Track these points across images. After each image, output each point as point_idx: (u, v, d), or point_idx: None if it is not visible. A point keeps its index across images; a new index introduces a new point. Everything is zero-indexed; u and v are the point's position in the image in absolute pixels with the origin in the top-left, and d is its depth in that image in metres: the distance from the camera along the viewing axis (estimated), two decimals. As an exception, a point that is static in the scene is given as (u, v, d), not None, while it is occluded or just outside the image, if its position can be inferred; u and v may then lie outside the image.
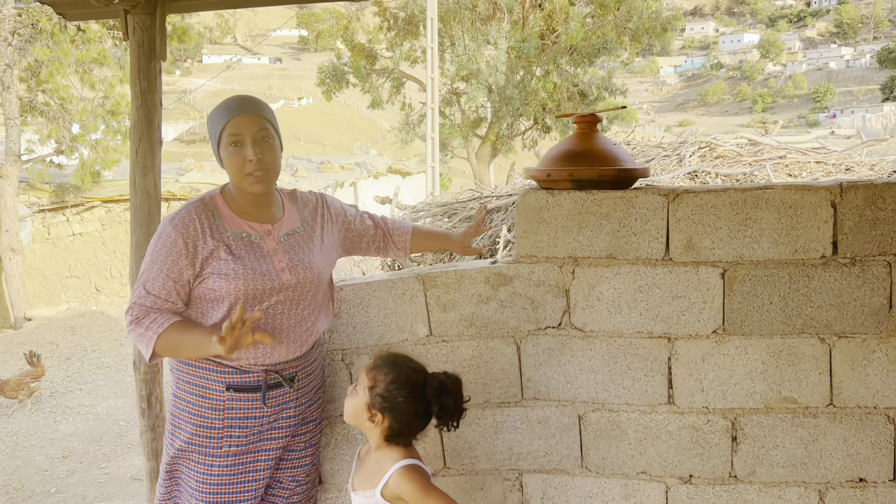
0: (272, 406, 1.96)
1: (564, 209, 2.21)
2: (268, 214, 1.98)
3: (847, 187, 2.08)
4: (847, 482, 2.18)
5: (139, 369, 2.66)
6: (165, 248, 1.83)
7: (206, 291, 1.86)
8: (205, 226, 1.87)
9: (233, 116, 1.85)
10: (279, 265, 1.91)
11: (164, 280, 1.83)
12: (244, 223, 1.93)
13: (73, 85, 10.76)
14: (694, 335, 2.19)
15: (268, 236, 1.94)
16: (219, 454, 1.94)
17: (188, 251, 1.83)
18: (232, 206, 1.94)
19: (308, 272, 1.96)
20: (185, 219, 1.86)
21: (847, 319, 2.11)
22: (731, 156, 5.98)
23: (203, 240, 1.85)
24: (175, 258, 1.82)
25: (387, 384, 1.79)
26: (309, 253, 2.00)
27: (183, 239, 1.83)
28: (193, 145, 43.57)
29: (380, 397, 1.78)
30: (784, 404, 2.18)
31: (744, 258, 2.14)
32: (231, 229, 1.90)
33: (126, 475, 5.00)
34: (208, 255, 1.84)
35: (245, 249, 1.89)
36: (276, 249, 1.93)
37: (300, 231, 2.03)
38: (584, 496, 2.31)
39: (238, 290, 1.84)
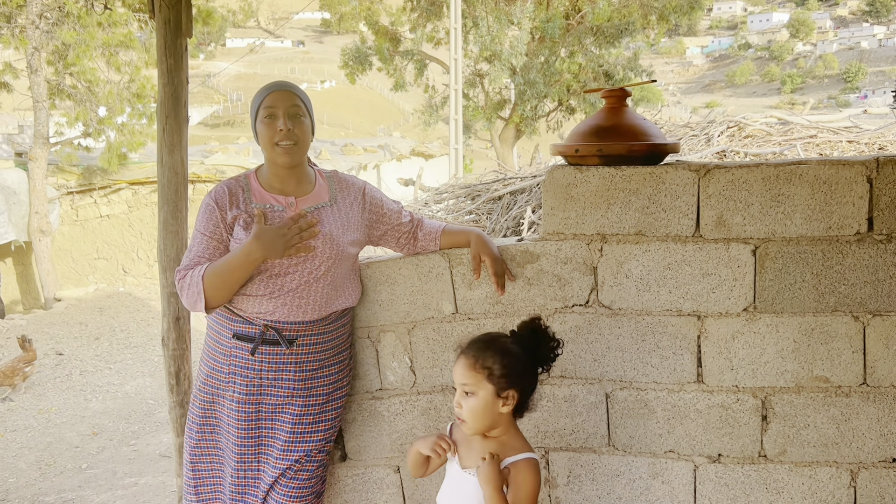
0: (264, 361, 2.07)
1: (592, 185, 2.18)
2: (295, 188, 2.13)
3: (884, 162, 2.03)
4: (880, 462, 2.14)
5: (168, 346, 2.68)
6: (206, 215, 2.08)
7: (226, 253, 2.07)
8: (234, 197, 2.09)
9: (270, 92, 2.07)
10: None
11: (206, 241, 2.06)
12: (269, 196, 2.10)
13: (99, 68, 10.84)
14: (724, 313, 2.16)
15: (289, 208, 2.09)
16: (226, 397, 2.11)
17: (222, 215, 2.07)
18: (262, 181, 2.13)
19: (324, 244, 2.07)
20: (219, 191, 2.10)
21: (882, 297, 2.07)
22: (761, 135, 5.89)
23: (231, 208, 2.07)
24: (214, 221, 2.06)
25: (500, 363, 1.77)
26: (329, 226, 2.10)
27: (217, 204, 2.07)
28: (218, 129, 43.84)
29: (503, 377, 1.76)
30: (816, 383, 2.14)
31: (776, 235, 2.10)
32: (257, 201, 2.09)
33: (155, 452, 5.08)
34: (232, 222, 2.06)
35: (266, 220, 2.04)
36: None
37: (327, 205, 2.14)
38: (610, 474, 2.30)
39: None
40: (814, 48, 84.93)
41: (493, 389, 1.76)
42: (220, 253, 2.06)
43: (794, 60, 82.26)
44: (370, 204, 2.23)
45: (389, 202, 2.28)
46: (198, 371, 2.23)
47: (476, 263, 2.23)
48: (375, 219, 2.24)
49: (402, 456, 2.41)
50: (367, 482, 2.43)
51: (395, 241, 2.29)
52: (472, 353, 1.80)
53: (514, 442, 1.81)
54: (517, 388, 1.79)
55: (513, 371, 1.78)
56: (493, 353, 1.78)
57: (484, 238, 2.25)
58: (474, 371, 1.78)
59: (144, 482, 4.50)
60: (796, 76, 75.64)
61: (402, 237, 2.28)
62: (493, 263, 2.20)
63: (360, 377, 2.36)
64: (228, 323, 2.10)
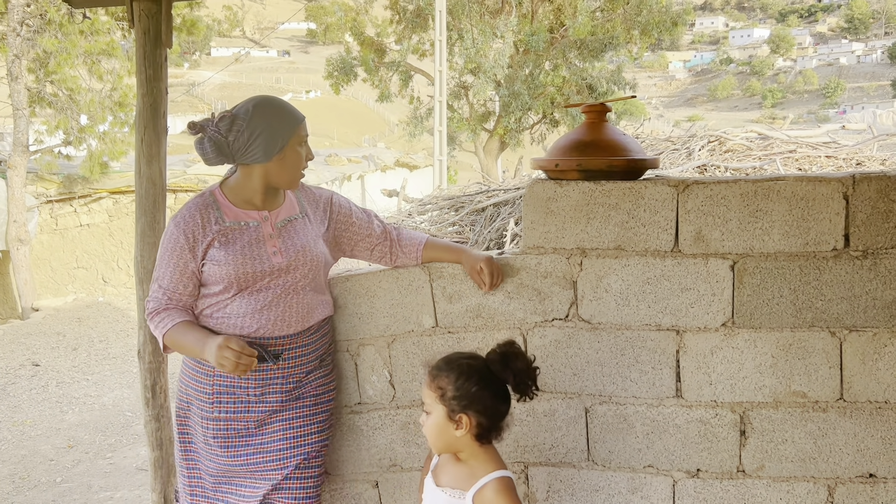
0: (250, 379, 2.04)
1: (572, 200, 2.19)
2: (267, 202, 2.09)
3: (860, 179, 2.05)
4: (857, 477, 2.15)
5: (144, 359, 2.65)
6: (171, 245, 2.01)
7: (206, 277, 2.02)
8: (205, 220, 2.02)
9: (301, 122, 2.06)
10: (272, 249, 2.04)
11: (171, 273, 2.01)
12: (241, 212, 2.06)
13: (81, 76, 10.76)
14: (703, 328, 2.17)
15: (264, 222, 2.06)
16: (210, 417, 2.06)
17: (189, 245, 2.00)
18: (231, 197, 2.07)
19: (300, 255, 2.06)
20: (185, 216, 2.02)
21: (858, 313, 2.08)
22: (741, 150, 5.93)
23: (203, 233, 2.01)
24: (179, 253, 2.00)
25: (455, 383, 1.70)
26: (303, 238, 2.10)
27: (185, 235, 2.00)
28: (201, 138, 43.54)
29: (455, 399, 1.70)
30: (793, 398, 2.15)
31: (754, 250, 2.11)
32: (230, 219, 2.04)
33: (131, 465, 5.01)
34: (207, 246, 2.00)
35: (238, 236, 2.02)
36: (272, 234, 2.05)
37: (297, 217, 2.13)
38: (589, 489, 2.30)
39: (229, 274, 1.99)
40: (794, 64, 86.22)
41: (445, 411, 1.71)
42: (189, 284, 2.02)
43: (775, 75, 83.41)
44: (338, 213, 2.22)
45: (358, 211, 2.26)
46: (178, 391, 2.17)
47: (477, 278, 2.19)
48: (344, 228, 2.22)
49: (380, 471, 2.39)
50: (345, 497, 2.41)
51: (369, 251, 2.26)
52: (432, 372, 1.76)
53: (481, 467, 1.74)
54: (471, 412, 1.70)
55: (466, 394, 1.70)
56: (448, 374, 1.73)
57: (472, 251, 2.24)
58: (430, 390, 1.74)
59: (120, 496, 4.43)
60: (777, 91, 76.65)
61: (375, 248, 2.26)
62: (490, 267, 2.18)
63: (339, 391, 2.34)
64: None
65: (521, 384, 1.76)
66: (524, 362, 1.77)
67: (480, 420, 1.71)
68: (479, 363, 1.76)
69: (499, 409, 1.74)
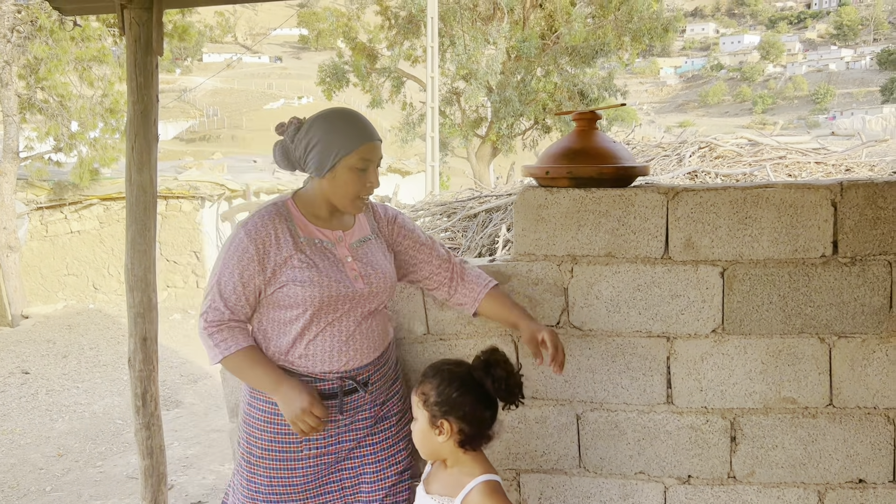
0: (347, 411, 1.96)
1: (563, 207, 2.19)
2: (340, 222, 1.98)
3: (847, 186, 2.06)
4: (846, 483, 2.16)
5: (134, 367, 2.64)
6: (237, 254, 1.86)
7: (282, 298, 1.87)
8: (279, 231, 1.88)
9: (367, 143, 1.87)
10: (352, 273, 1.92)
11: (234, 285, 1.86)
12: (316, 229, 1.93)
13: (71, 82, 10.73)
14: (693, 334, 2.18)
15: (339, 243, 1.95)
16: (299, 457, 1.94)
17: (259, 258, 1.85)
18: (304, 211, 1.94)
19: (380, 280, 1.96)
20: (258, 225, 1.87)
21: (847, 319, 2.10)
22: (731, 156, 5.96)
23: (276, 247, 1.87)
24: (246, 263, 1.85)
25: (436, 389, 1.71)
26: (380, 260, 1.99)
27: (255, 245, 1.85)
28: (193, 144, 43.53)
29: (436, 405, 1.70)
30: (783, 404, 2.16)
31: (743, 257, 2.13)
32: (304, 234, 1.91)
33: (122, 474, 4.98)
34: (282, 263, 1.86)
35: (319, 256, 1.90)
36: (348, 256, 1.94)
37: (371, 238, 2.02)
38: (581, 496, 2.30)
39: (314, 297, 1.85)
40: (784, 70, 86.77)
41: (428, 416, 1.71)
42: (251, 298, 1.87)
43: (765, 81, 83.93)
44: (401, 233, 2.09)
45: (423, 233, 2.13)
46: (248, 437, 1.98)
47: (535, 349, 2.02)
48: (406, 248, 2.09)
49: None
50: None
51: (428, 277, 2.11)
52: (421, 378, 1.77)
53: (467, 472, 1.73)
54: (452, 418, 1.69)
55: (446, 400, 1.69)
56: (431, 380, 1.73)
57: (532, 319, 2.09)
58: (415, 395, 1.75)
59: (110, 505, 4.41)
60: (767, 97, 77.11)
61: (434, 275, 2.11)
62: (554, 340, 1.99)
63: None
64: None
65: (503, 391, 1.74)
66: (505, 369, 1.75)
67: (462, 427, 1.70)
68: (463, 370, 1.75)
69: (481, 416, 1.72)
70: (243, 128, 48.89)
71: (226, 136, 46.89)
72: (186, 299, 10.89)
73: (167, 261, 10.89)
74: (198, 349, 8.56)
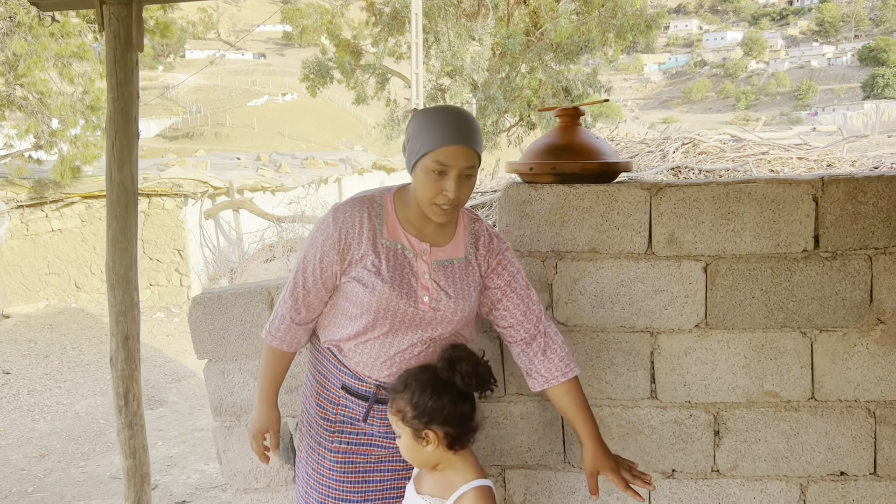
0: (375, 417, 1.89)
1: (547, 203, 2.19)
2: (433, 233, 1.84)
3: (829, 181, 2.08)
4: (828, 476, 2.18)
5: (116, 366, 2.61)
6: (322, 237, 1.81)
7: (349, 292, 1.82)
8: (364, 226, 1.79)
9: (448, 144, 1.68)
10: (422, 291, 1.79)
11: (314, 267, 1.82)
12: (403, 233, 1.81)
13: (51, 79, 10.60)
14: (676, 329, 2.19)
15: (422, 256, 1.81)
16: (330, 448, 1.91)
17: (340, 247, 1.79)
18: (399, 211, 1.83)
19: (450, 308, 1.81)
20: (347, 214, 1.80)
21: (828, 313, 2.11)
22: (714, 152, 6.00)
23: (358, 241, 1.79)
24: (328, 249, 1.80)
25: (410, 402, 1.68)
26: (463, 288, 1.83)
27: (339, 233, 1.79)
28: (176, 141, 43.23)
29: (415, 419, 1.67)
30: (766, 398, 2.17)
31: (726, 252, 2.14)
32: (388, 237, 1.81)
33: (105, 474, 4.94)
34: (358, 259, 1.79)
35: (393, 263, 1.79)
36: (426, 273, 1.81)
37: (459, 263, 1.85)
38: (566, 491, 2.30)
39: (371, 303, 1.77)
40: (766, 66, 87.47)
41: (410, 431, 1.68)
42: (329, 284, 1.83)
43: (748, 78, 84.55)
44: (499, 271, 1.89)
45: (522, 279, 1.91)
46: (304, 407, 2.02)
47: (592, 482, 1.86)
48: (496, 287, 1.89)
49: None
50: None
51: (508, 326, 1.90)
52: (391, 394, 1.73)
53: (459, 476, 1.72)
54: (435, 426, 1.67)
55: (424, 411, 1.67)
56: (403, 394, 1.70)
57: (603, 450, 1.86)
58: (392, 414, 1.72)
59: (93, 506, 4.37)
60: (750, 93, 77.71)
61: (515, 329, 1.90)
62: (618, 480, 1.82)
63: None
64: (338, 372, 1.90)
65: (474, 383, 1.72)
66: (470, 362, 1.72)
67: (447, 430, 1.68)
68: (430, 374, 1.72)
69: (462, 413, 1.70)
70: (227, 125, 48.60)
71: (209, 134, 46.60)
72: (170, 298, 10.81)
73: (150, 259, 10.79)
74: (182, 348, 8.51)
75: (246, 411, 2.41)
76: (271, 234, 9.97)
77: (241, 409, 2.41)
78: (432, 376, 1.71)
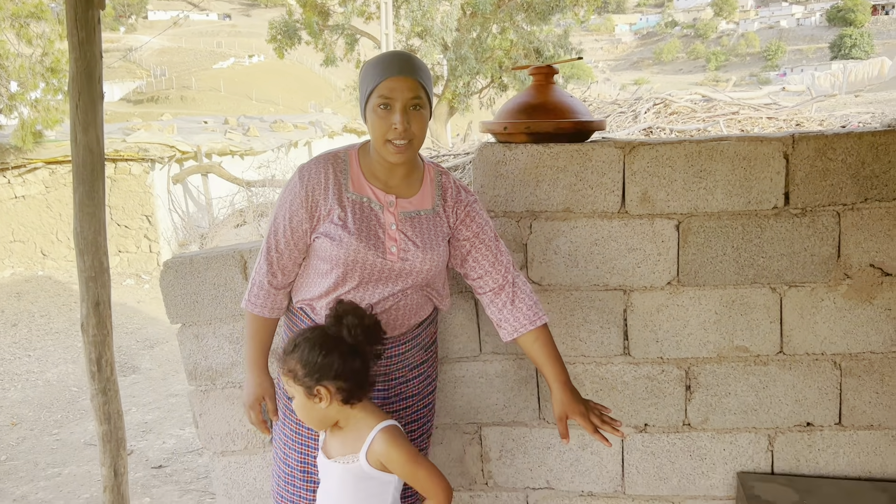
0: None
1: (521, 163, 2.19)
2: (398, 185, 1.84)
3: (799, 139, 2.10)
4: (795, 427, 2.24)
5: (87, 332, 2.58)
6: (290, 197, 1.82)
7: (319, 249, 1.82)
8: (329, 182, 1.80)
9: (386, 77, 1.70)
10: (390, 243, 1.80)
11: (285, 228, 1.83)
12: (368, 186, 1.82)
13: (8, 41, 10.25)
14: (649, 287, 2.21)
15: (388, 208, 1.82)
16: None
17: (308, 205, 1.80)
18: (364, 165, 1.84)
19: (419, 259, 1.81)
20: (312, 171, 1.82)
21: (797, 269, 2.15)
22: (686, 112, 6.02)
23: (324, 197, 1.80)
24: (297, 208, 1.81)
25: (300, 361, 1.66)
26: (431, 240, 1.84)
27: (306, 191, 1.80)
28: (141, 105, 42.28)
29: (306, 376, 1.66)
30: (736, 353, 2.22)
31: (698, 210, 2.16)
32: (353, 190, 1.81)
33: (79, 441, 4.90)
34: (326, 215, 1.80)
35: (359, 216, 1.80)
36: (393, 224, 1.81)
37: (426, 214, 1.86)
38: (541, 447, 2.34)
39: (340, 256, 1.77)
40: (736, 26, 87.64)
41: (303, 391, 1.67)
42: (301, 244, 1.83)
43: (718, 38, 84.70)
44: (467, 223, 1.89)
45: (490, 230, 1.92)
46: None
47: (562, 427, 1.84)
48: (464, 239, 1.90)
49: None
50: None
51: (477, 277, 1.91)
52: (282, 357, 1.71)
53: (363, 425, 1.70)
54: (326, 381, 1.65)
55: (314, 368, 1.65)
56: (293, 355, 1.68)
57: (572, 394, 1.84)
58: (284, 375, 1.70)
59: (68, 472, 4.34)
60: (720, 54, 77.91)
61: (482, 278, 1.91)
62: (586, 424, 1.80)
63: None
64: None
65: (361, 336, 1.68)
66: (356, 315, 1.69)
67: (339, 385, 1.66)
68: (317, 333, 1.70)
69: (352, 368, 1.67)
70: (192, 88, 47.57)
71: (175, 97, 45.61)
72: (139, 264, 10.67)
73: (118, 225, 10.61)
74: (154, 314, 8.43)
75: (221, 375, 2.40)
76: (241, 199, 9.86)
77: (216, 373, 2.41)
78: (321, 334, 1.68)
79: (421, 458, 1.70)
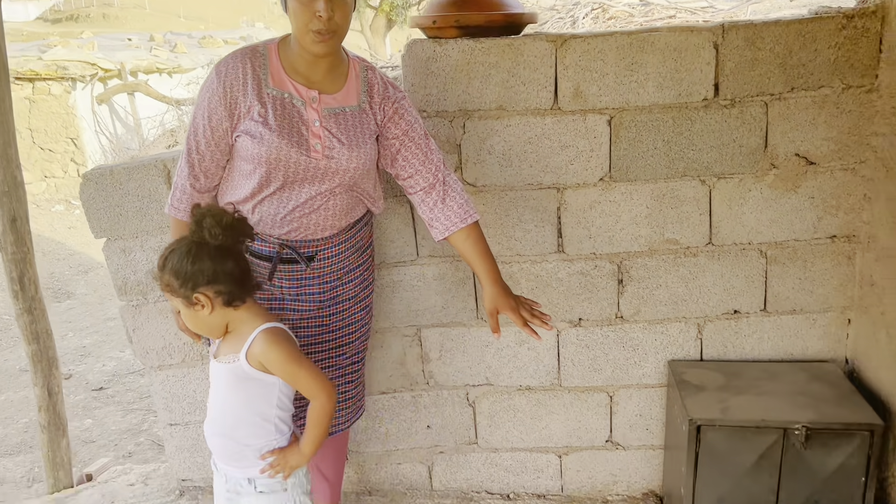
0: (283, 279, 1.87)
1: (452, 59, 2.13)
2: (321, 80, 1.77)
3: (729, 27, 2.09)
4: (723, 315, 2.32)
5: (6, 250, 2.47)
6: (208, 95, 1.74)
7: (241, 148, 1.75)
8: (248, 77, 1.72)
9: None
10: (313, 140, 1.74)
11: (204, 128, 1.75)
12: (289, 82, 1.74)
13: None
14: (582, 184, 2.22)
15: (311, 104, 1.75)
16: None
17: (227, 102, 1.73)
18: (284, 60, 1.75)
19: (345, 158, 1.76)
20: (229, 67, 1.73)
21: (726, 160, 2.18)
22: (624, 16, 5.96)
23: (244, 93, 1.72)
24: (215, 105, 1.73)
25: (172, 272, 1.62)
26: (357, 137, 1.79)
27: (224, 88, 1.72)
28: (59, 24, 39.68)
29: (182, 287, 1.61)
30: (667, 246, 2.26)
31: (630, 104, 2.14)
32: (274, 86, 1.74)
33: (14, 367, 4.80)
34: (246, 112, 1.73)
35: (280, 112, 1.73)
36: (316, 121, 1.75)
37: (352, 110, 1.80)
38: (479, 345, 2.38)
39: (262, 154, 1.71)
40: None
41: (183, 301, 1.64)
42: (222, 144, 1.76)
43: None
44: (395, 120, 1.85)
45: (420, 127, 1.88)
46: None
47: (493, 321, 1.86)
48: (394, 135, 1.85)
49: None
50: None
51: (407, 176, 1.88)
52: (157, 273, 1.67)
53: (247, 327, 1.68)
54: (202, 288, 1.62)
55: (187, 277, 1.61)
56: (164, 270, 1.64)
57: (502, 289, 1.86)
58: (164, 292, 1.67)
59: (4, 398, 4.26)
60: (660, -37, 76.95)
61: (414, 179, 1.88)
62: (517, 318, 1.83)
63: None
64: None
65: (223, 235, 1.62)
66: (213, 217, 1.63)
67: (217, 288, 1.63)
68: (183, 243, 1.66)
69: (224, 270, 1.63)
70: (115, 5, 44.79)
71: (96, 15, 42.92)
72: (67, 189, 10.25)
73: (42, 149, 10.10)
74: (85, 239, 8.17)
75: (153, 289, 2.34)
76: (172, 119, 9.47)
77: (147, 287, 2.35)
78: (187, 242, 1.64)
79: (303, 358, 1.68)
